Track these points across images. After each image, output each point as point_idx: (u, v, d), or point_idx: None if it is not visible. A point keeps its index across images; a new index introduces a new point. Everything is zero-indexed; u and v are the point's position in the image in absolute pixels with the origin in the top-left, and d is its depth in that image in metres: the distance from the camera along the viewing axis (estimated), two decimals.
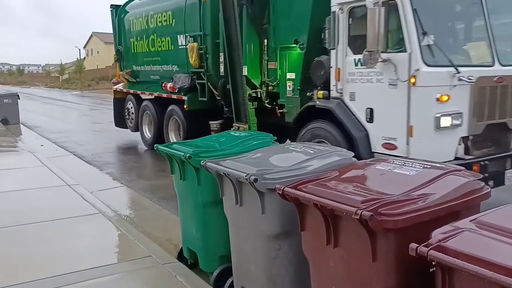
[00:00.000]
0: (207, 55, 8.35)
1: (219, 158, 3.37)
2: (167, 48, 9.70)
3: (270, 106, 7.53)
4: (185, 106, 9.11)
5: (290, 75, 6.90)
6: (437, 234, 1.80)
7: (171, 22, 9.41)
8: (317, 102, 6.21)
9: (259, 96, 7.63)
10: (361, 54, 5.18)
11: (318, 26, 6.37)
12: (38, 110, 24.43)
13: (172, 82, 9.35)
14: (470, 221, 1.89)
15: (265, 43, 7.43)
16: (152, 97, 10.50)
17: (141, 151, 11.05)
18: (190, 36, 8.72)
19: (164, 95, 9.86)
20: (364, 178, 2.60)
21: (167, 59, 9.78)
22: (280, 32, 7.12)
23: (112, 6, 11.70)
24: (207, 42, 8.33)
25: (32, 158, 9.19)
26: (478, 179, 2.41)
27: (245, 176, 2.78)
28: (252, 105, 7.48)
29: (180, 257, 4.23)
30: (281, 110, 7.09)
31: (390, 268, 2.10)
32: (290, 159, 3.10)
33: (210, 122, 8.53)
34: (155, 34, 10.06)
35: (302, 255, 2.65)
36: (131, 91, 11.60)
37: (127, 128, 12.00)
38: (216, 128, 8.34)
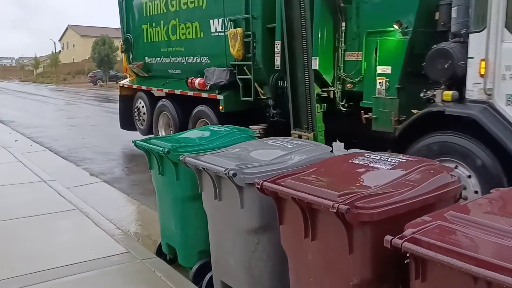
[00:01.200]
0: (255, 44, 6.67)
1: (198, 153, 3.36)
2: (194, 36, 7.93)
3: (346, 109, 5.82)
4: (220, 107, 7.29)
5: (383, 69, 5.16)
6: (411, 227, 1.84)
7: (201, 4, 7.66)
8: (443, 105, 4.42)
9: (331, 96, 5.86)
10: None
11: (433, 2, 4.87)
12: (11, 105, 23.86)
13: (200, 77, 7.73)
14: (443, 214, 1.95)
15: (343, 28, 5.64)
16: (173, 94, 8.75)
17: (119, 147, 10.91)
18: (231, 21, 7.01)
19: (190, 93, 8.04)
20: (342, 172, 2.64)
21: (194, 49, 8.04)
22: (369, 12, 5.37)
23: None
24: (256, 28, 6.64)
25: (6, 153, 8.98)
26: (451, 173, 2.48)
27: (224, 170, 2.79)
28: (320, 108, 5.90)
29: (159, 252, 4.22)
30: (366, 116, 5.25)
31: (366, 260, 2.15)
32: (269, 154, 3.13)
33: (250, 127, 6.31)
34: (177, 19, 8.30)
35: (281, 248, 2.68)
36: (143, 87, 9.69)
37: (136, 130, 10.17)
38: (259, 135, 6.39)
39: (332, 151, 3.32)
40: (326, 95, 5.83)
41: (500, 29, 4.08)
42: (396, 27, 4.95)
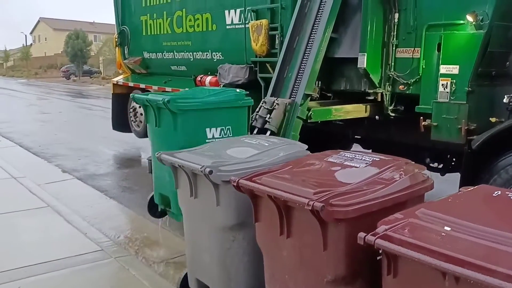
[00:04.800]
0: (283, 38, 5.76)
1: (197, 105, 3.81)
2: (205, 29, 7.09)
3: (395, 114, 5.15)
4: None
5: (448, 69, 4.45)
6: (383, 224, 1.88)
7: None
8: None
9: (378, 99, 5.20)
10: None
11: None
12: None
13: (212, 75, 6.95)
14: (414, 211, 2.00)
15: (395, 20, 4.92)
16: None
17: (92, 143, 10.71)
18: (253, 11, 6.21)
19: None
20: (317, 170, 2.68)
21: (204, 44, 7.18)
22: (432, 2, 4.67)
23: None
24: (284, 20, 5.83)
25: None
26: (422, 171, 2.54)
27: (200, 168, 2.79)
28: (366, 111, 5.29)
29: (151, 205, 4.33)
30: (425, 123, 4.56)
31: (341, 257, 2.18)
32: (246, 151, 3.13)
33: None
34: (184, 10, 7.44)
35: (256, 246, 2.69)
36: (141, 85, 8.72)
37: (131, 132, 9.33)
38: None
39: (308, 149, 3.34)
40: (373, 97, 5.19)
41: None
42: (470, 19, 4.23)
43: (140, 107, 8.82)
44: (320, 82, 5.47)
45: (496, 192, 2.14)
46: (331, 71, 5.61)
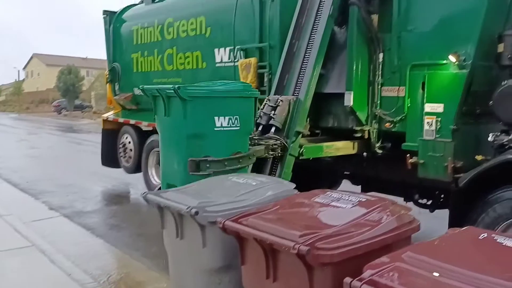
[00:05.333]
0: (271, 76, 5.97)
1: (206, 92, 4.08)
2: (195, 67, 7.27)
3: (382, 151, 5.27)
4: None
5: (433, 107, 4.54)
6: (369, 268, 1.86)
7: (204, 32, 7.01)
8: None
9: (365, 136, 5.26)
10: None
11: (494, 32, 4.37)
12: None
13: None
14: (400, 254, 1.97)
15: (380, 60, 5.11)
16: None
17: (81, 179, 10.60)
18: (242, 50, 6.36)
19: None
20: (304, 211, 2.66)
21: (194, 81, 7.31)
22: (415, 43, 4.81)
23: (105, 12, 9.33)
24: (272, 58, 5.98)
25: None
26: (409, 212, 2.53)
27: (186, 208, 2.76)
28: (353, 148, 5.38)
29: None
30: (412, 160, 4.64)
31: None
32: (233, 190, 3.11)
33: None
34: (174, 48, 7.63)
35: None
36: (131, 121, 8.79)
37: (120, 167, 9.30)
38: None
39: (296, 188, 3.33)
40: (360, 135, 5.27)
41: None
42: (453, 59, 4.37)
43: (130, 142, 9.02)
44: (309, 119, 5.53)
45: (482, 235, 2.13)
46: (319, 108, 5.69)
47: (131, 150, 8.94)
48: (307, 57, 5.36)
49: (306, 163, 5.37)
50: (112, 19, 9.12)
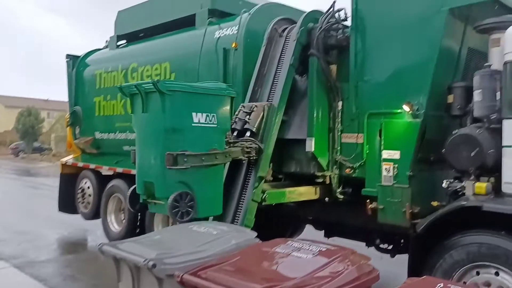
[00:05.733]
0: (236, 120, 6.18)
1: (185, 87, 4.19)
2: None
3: (343, 197, 5.39)
4: None
5: (390, 154, 4.68)
6: None
7: (168, 77, 7.05)
8: (478, 200, 3.92)
9: (326, 182, 5.38)
10: None
11: (444, 83, 4.62)
12: None
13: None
14: None
15: (339, 108, 5.30)
16: (129, 174, 7.48)
17: (36, 224, 10.09)
18: None
19: None
20: (264, 262, 2.62)
21: None
22: (372, 92, 4.99)
23: (68, 56, 9.35)
24: (236, 105, 5.86)
25: None
26: (368, 262, 2.55)
27: (143, 261, 2.66)
28: (316, 193, 5.46)
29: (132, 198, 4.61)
30: (372, 206, 4.76)
31: None
32: (193, 241, 3.05)
33: None
34: None
35: None
36: (91, 165, 8.65)
37: (78, 213, 9.01)
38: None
39: (257, 237, 3.29)
40: (321, 180, 5.36)
41: None
42: (406, 109, 4.57)
43: (89, 187, 8.78)
44: (272, 164, 5.58)
45: (438, 285, 2.16)
46: (282, 154, 5.76)
47: (90, 195, 8.71)
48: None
49: (269, 208, 5.37)
50: (76, 63, 9.14)
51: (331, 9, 5.37)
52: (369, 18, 4.99)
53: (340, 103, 5.30)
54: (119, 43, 8.53)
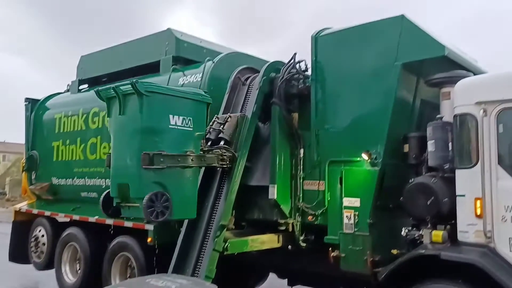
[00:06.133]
0: None
1: (163, 89, 4.37)
2: None
3: (306, 244, 5.34)
4: (148, 239, 6.04)
5: (351, 201, 4.76)
6: None
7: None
8: (436, 249, 4.01)
9: (289, 229, 5.34)
10: None
11: (400, 133, 4.78)
12: None
13: None
14: None
15: (301, 155, 5.39)
16: (86, 222, 7.33)
17: None
18: None
19: (109, 221, 6.79)
20: None
21: None
22: (332, 140, 5.07)
23: (27, 99, 9.10)
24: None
25: None
26: None
27: None
28: (278, 241, 5.37)
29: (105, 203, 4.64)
30: (334, 253, 4.76)
31: None
32: None
33: None
34: (98, 137, 7.47)
35: None
36: (46, 212, 8.25)
37: (30, 263, 8.47)
38: None
39: None
40: (284, 228, 5.32)
41: (494, 166, 3.91)
42: (365, 157, 4.69)
43: (43, 236, 8.38)
44: (235, 211, 5.54)
45: None
46: (245, 200, 5.74)
47: (44, 244, 8.31)
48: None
49: (232, 257, 5.28)
50: (35, 106, 8.97)
51: (292, 60, 5.57)
52: (328, 70, 5.21)
53: (302, 151, 5.40)
54: (81, 87, 8.48)
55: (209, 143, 5.20)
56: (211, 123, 5.35)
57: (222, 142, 5.22)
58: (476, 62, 5.22)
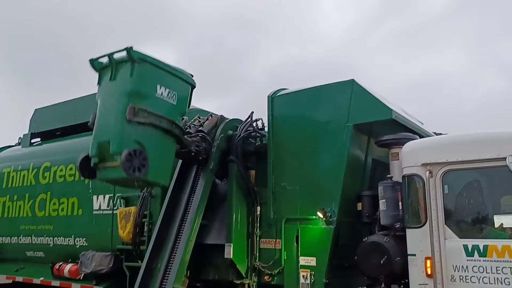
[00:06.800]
0: (151, 226, 5.78)
1: (155, 61, 4.69)
2: (69, 213, 6.87)
3: None
4: None
5: (307, 260, 4.73)
6: None
7: (82, 178, 6.52)
8: None
9: None
10: (475, 237, 3.94)
11: (354, 191, 4.89)
12: None
13: (72, 263, 6.44)
14: None
15: (258, 213, 5.35)
16: (31, 284, 6.92)
17: None
18: (122, 198, 6.23)
19: (56, 283, 6.48)
20: None
21: (68, 228, 6.86)
22: (288, 198, 5.10)
23: None
24: (154, 207, 5.98)
25: None
26: None
27: None
28: None
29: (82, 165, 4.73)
30: None
31: None
32: None
33: None
34: (48, 193, 7.24)
35: None
36: None
37: None
38: None
39: None
40: None
41: (441, 226, 4.01)
42: (320, 215, 4.73)
43: None
44: (189, 271, 5.38)
45: None
46: (200, 260, 5.61)
47: None
48: (189, 208, 5.45)
49: None
50: None
51: (249, 119, 5.69)
52: (283, 129, 5.35)
53: (258, 208, 5.39)
54: (33, 140, 8.24)
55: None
56: (192, 120, 5.80)
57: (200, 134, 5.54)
58: (422, 124, 5.53)
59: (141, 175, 4.38)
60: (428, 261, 3.99)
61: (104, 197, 6.55)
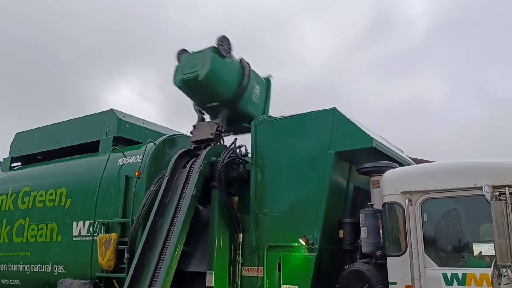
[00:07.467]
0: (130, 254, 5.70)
1: None
2: (48, 239, 6.75)
3: None
4: None
5: None
6: None
7: (63, 203, 6.70)
8: None
9: None
10: (454, 265, 3.98)
11: (335, 218, 4.90)
12: None
13: None
14: None
15: (240, 240, 5.32)
16: None
17: None
18: (103, 224, 6.13)
19: None
20: None
21: (46, 255, 6.71)
22: (270, 224, 5.10)
23: None
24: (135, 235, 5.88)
25: None
26: None
27: None
28: None
29: None
30: None
31: None
32: None
33: None
34: (27, 219, 7.10)
35: None
36: None
37: None
38: None
39: None
40: None
41: (421, 254, 4.04)
42: (302, 242, 4.71)
43: None
44: None
45: None
46: (181, 287, 5.51)
47: None
48: (170, 234, 5.38)
49: None
50: None
51: (233, 145, 5.72)
52: (266, 156, 5.39)
53: (241, 235, 5.35)
54: (13, 164, 8.12)
55: None
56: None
57: None
58: (402, 152, 5.63)
59: None
60: None
61: (84, 223, 6.45)
